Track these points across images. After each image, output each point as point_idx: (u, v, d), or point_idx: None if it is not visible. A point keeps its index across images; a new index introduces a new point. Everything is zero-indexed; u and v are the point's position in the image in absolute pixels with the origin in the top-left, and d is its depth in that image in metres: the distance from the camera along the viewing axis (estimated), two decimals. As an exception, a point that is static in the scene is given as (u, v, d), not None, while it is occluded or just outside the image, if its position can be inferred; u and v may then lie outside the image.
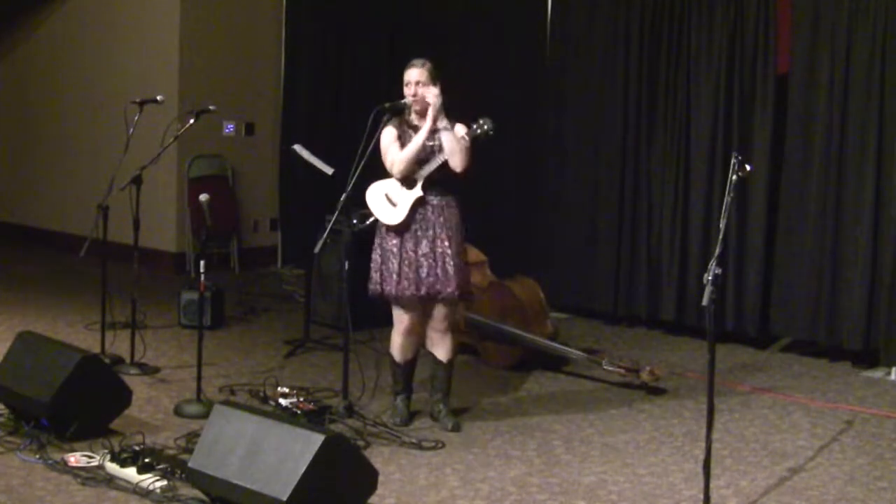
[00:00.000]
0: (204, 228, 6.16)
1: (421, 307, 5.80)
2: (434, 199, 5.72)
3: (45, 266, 9.88)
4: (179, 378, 6.57)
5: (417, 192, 5.70)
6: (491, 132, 5.64)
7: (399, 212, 5.72)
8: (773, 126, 7.54)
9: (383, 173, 5.82)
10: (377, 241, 5.83)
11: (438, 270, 5.68)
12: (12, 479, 4.91)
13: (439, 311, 5.78)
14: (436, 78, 5.72)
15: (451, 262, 5.69)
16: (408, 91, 5.71)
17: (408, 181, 5.73)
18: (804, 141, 7.41)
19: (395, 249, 5.74)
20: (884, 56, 7.01)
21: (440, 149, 5.67)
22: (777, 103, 7.53)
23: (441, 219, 5.72)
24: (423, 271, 5.69)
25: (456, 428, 5.81)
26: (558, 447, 5.64)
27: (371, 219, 5.98)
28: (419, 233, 5.71)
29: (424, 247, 5.70)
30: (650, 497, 5.02)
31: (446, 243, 5.70)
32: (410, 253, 5.71)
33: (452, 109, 5.77)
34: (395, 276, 5.72)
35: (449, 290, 5.69)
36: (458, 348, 7.08)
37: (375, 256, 5.81)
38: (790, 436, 5.91)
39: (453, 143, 5.62)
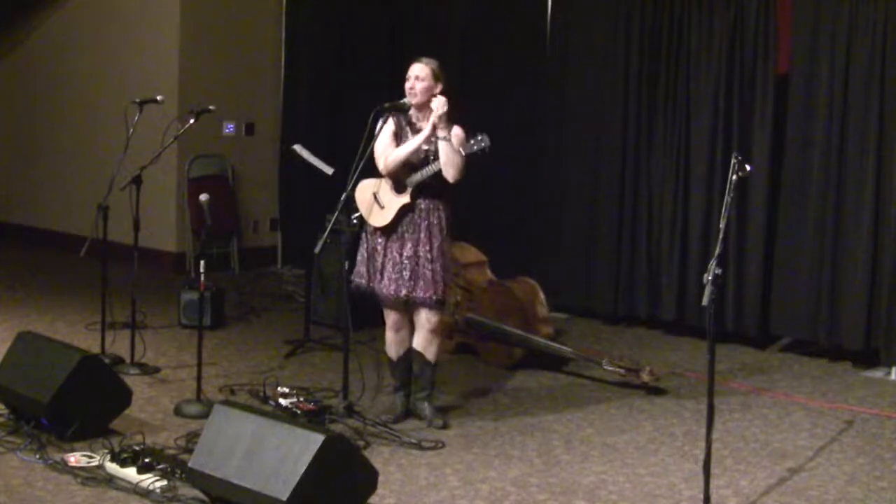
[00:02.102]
0: (204, 228, 6.16)
1: (406, 306, 5.81)
2: (423, 203, 5.72)
3: (45, 266, 9.87)
4: (179, 378, 6.58)
5: (405, 198, 5.70)
6: (487, 149, 5.62)
7: (385, 215, 5.73)
8: (773, 126, 7.54)
9: (381, 174, 5.81)
10: (364, 235, 5.86)
11: (419, 274, 5.69)
12: (12, 479, 4.91)
13: (425, 314, 5.78)
14: (439, 77, 5.71)
15: (430, 267, 5.69)
16: (406, 85, 5.71)
17: (398, 185, 5.73)
18: (804, 141, 7.41)
19: (380, 248, 5.76)
20: (884, 56, 7.01)
21: (435, 156, 5.66)
22: (777, 103, 7.54)
23: (426, 223, 5.72)
24: (406, 273, 5.70)
25: (446, 425, 5.81)
26: (558, 447, 5.64)
27: (357, 214, 5.97)
28: (406, 235, 5.72)
29: (409, 249, 5.71)
30: (650, 497, 5.02)
31: (427, 247, 5.70)
32: (395, 254, 5.72)
33: (452, 110, 5.76)
34: (378, 275, 5.75)
35: (426, 294, 5.70)
36: (458, 348, 7.10)
37: (362, 250, 5.85)
38: (790, 436, 5.91)
39: (450, 155, 5.60)
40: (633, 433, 5.89)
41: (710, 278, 4.47)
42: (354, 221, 5.93)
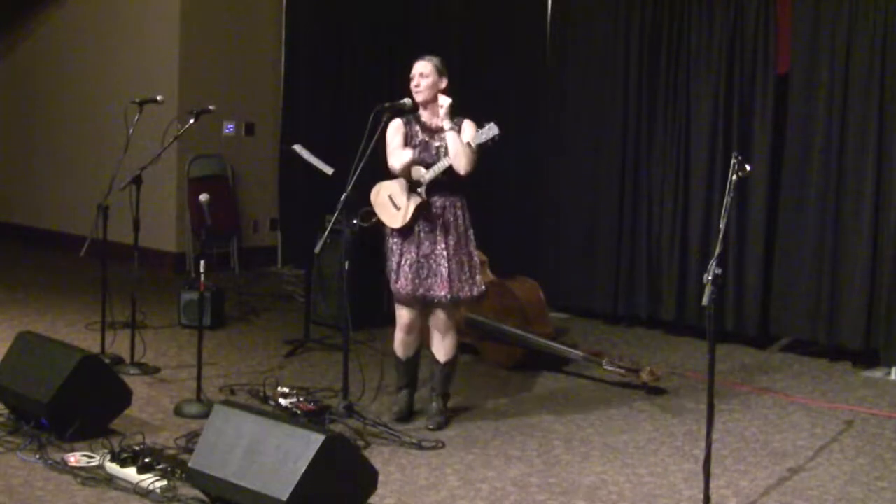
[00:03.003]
0: (204, 228, 6.16)
1: (420, 306, 5.80)
2: (438, 201, 5.71)
3: (45, 266, 9.88)
4: (179, 378, 6.57)
5: (421, 197, 5.70)
6: (497, 137, 5.60)
7: (401, 215, 5.72)
8: (773, 126, 7.55)
9: (383, 174, 5.81)
10: (386, 237, 5.86)
11: (435, 272, 5.69)
12: (12, 479, 4.90)
13: (440, 313, 5.77)
14: (443, 72, 5.72)
15: (447, 266, 5.68)
16: (412, 84, 5.72)
17: (412, 183, 5.72)
18: (804, 141, 7.42)
19: (396, 248, 5.76)
20: (884, 56, 7.01)
21: (446, 151, 5.66)
22: (777, 103, 7.54)
23: (442, 220, 5.71)
24: (423, 272, 5.70)
25: (437, 427, 5.80)
26: (558, 447, 5.64)
27: (374, 219, 5.99)
28: (422, 234, 5.72)
29: (426, 248, 5.70)
30: (650, 497, 5.02)
31: (442, 245, 5.69)
32: (412, 253, 5.71)
33: (457, 106, 5.76)
34: (393, 275, 5.75)
35: (441, 293, 5.69)
36: (459, 348, 7.09)
37: (386, 252, 5.85)
38: (790, 436, 5.91)
39: (458, 146, 5.59)
40: (633, 433, 5.89)
41: (710, 278, 4.46)
42: (355, 222, 5.93)
